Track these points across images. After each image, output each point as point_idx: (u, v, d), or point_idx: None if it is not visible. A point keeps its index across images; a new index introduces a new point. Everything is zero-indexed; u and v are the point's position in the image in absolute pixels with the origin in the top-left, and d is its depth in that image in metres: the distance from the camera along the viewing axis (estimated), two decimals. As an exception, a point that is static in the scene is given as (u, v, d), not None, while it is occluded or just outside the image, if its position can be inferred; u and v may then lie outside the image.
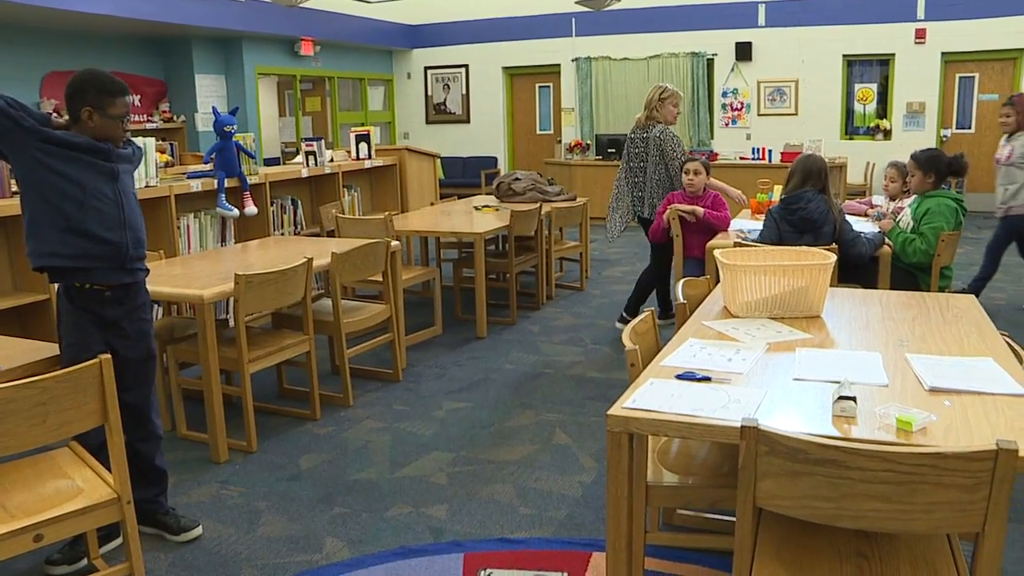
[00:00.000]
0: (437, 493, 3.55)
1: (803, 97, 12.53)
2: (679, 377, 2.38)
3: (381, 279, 4.98)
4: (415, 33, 14.76)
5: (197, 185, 5.58)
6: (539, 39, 13.89)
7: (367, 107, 14.69)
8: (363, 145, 7.57)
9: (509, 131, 14.81)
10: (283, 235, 6.48)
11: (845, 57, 12.29)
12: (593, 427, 4.22)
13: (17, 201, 3.87)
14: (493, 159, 14.64)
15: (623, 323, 5.83)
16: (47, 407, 2.33)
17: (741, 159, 11.57)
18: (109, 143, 2.90)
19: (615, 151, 11.63)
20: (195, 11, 10.21)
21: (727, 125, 13.00)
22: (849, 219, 4.68)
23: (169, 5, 9.81)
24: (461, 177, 14.23)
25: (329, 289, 4.56)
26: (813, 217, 4.46)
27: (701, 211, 5.45)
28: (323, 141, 7.08)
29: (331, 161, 7.21)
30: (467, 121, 14.91)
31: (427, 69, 15.03)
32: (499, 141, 14.72)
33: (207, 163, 5.92)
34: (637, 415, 2.12)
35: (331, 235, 6.15)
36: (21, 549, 2.33)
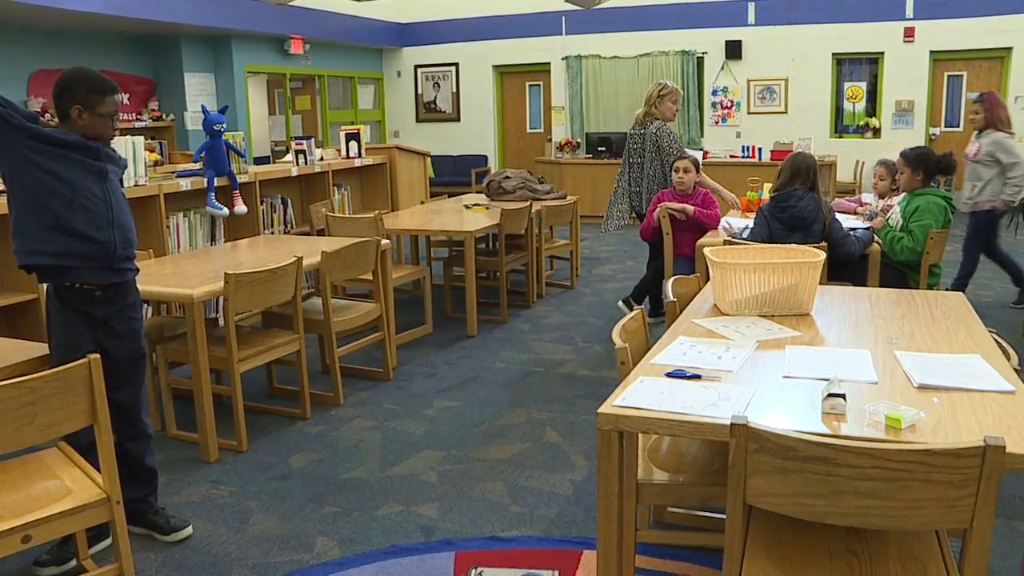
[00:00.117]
0: (428, 492, 3.54)
1: (793, 95, 12.57)
2: (669, 375, 2.38)
3: (371, 278, 4.97)
4: (405, 31, 14.74)
5: (186, 184, 5.56)
6: (529, 37, 13.89)
7: (357, 106, 14.66)
8: (353, 144, 7.56)
9: (499, 129, 14.81)
10: (273, 234, 6.47)
11: (834, 56, 12.33)
12: (584, 425, 4.23)
13: (3, 200, 3.85)
14: (483, 157, 14.63)
15: (628, 308, 5.84)
16: (35, 407, 2.32)
17: (731, 157, 11.60)
18: (99, 142, 2.89)
19: (605, 149, 11.65)
20: (184, 9, 10.17)
21: (717, 123, 13.03)
22: (839, 217, 4.70)
23: (158, 3, 9.77)
24: (451, 175, 14.23)
25: (319, 288, 4.56)
26: (803, 215, 4.47)
27: (691, 209, 5.45)
28: (313, 140, 7.07)
29: (321, 160, 7.19)
30: (457, 120, 14.90)
31: (417, 68, 15.01)
32: (489, 139, 14.72)
33: (196, 162, 5.90)
34: (627, 413, 2.12)
35: (321, 234, 6.13)
36: (9, 550, 2.32)
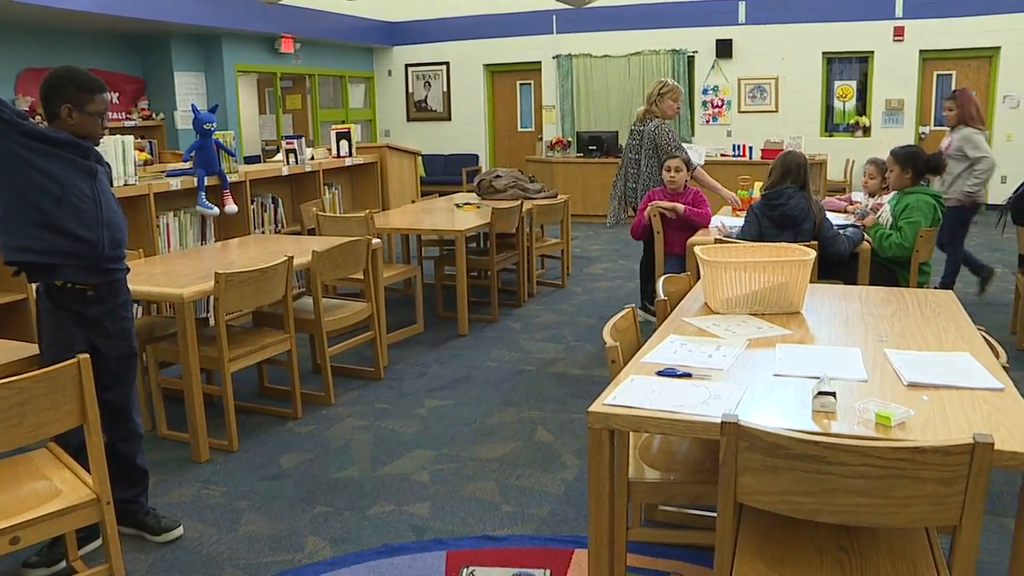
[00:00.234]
0: (419, 491, 3.54)
1: (783, 94, 12.60)
2: (660, 373, 2.38)
3: (362, 277, 4.96)
4: (396, 30, 14.72)
5: (176, 183, 5.54)
6: (520, 36, 13.89)
7: (348, 105, 14.64)
8: (344, 143, 7.55)
9: (490, 128, 14.80)
10: (263, 233, 6.45)
11: (825, 54, 12.36)
12: (575, 424, 4.23)
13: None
14: (474, 156, 14.63)
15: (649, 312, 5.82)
16: (24, 408, 2.31)
17: (722, 156, 11.61)
18: (88, 141, 2.88)
19: (596, 148, 11.66)
20: (174, 7, 10.13)
21: (708, 122, 13.05)
22: (829, 216, 4.72)
23: (148, 1, 9.74)
24: (442, 175, 14.22)
25: (310, 287, 4.55)
26: (793, 213, 4.48)
27: (682, 208, 5.46)
28: (303, 139, 7.06)
29: (311, 159, 7.18)
30: (448, 119, 14.89)
31: (408, 66, 14.99)
32: (480, 138, 14.71)
33: (186, 161, 5.88)
34: (618, 412, 2.12)
35: (312, 233, 6.12)
36: (-2, 551, 2.31)
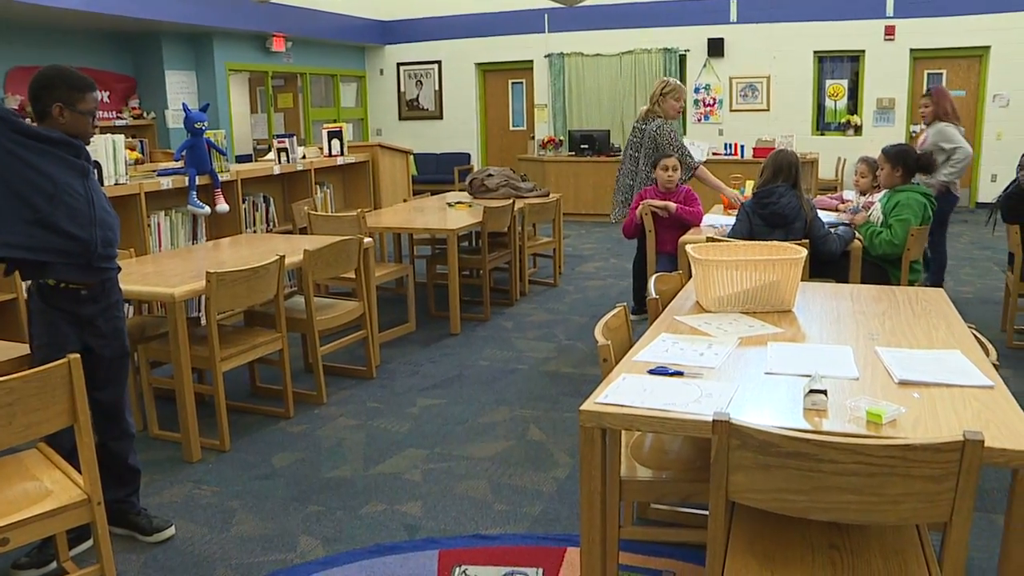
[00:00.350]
0: (411, 490, 3.54)
1: (775, 93, 12.63)
2: (651, 372, 2.38)
3: (354, 276, 4.96)
4: (387, 29, 14.70)
5: (168, 183, 5.53)
6: (512, 35, 13.89)
7: (339, 104, 14.61)
8: (335, 142, 7.53)
9: (482, 127, 14.80)
10: (255, 232, 6.44)
11: (816, 53, 12.39)
12: (567, 423, 4.23)
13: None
14: (466, 155, 14.62)
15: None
16: (14, 408, 2.30)
17: (714, 155, 11.62)
18: (79, 139, 2.87)
19: (588, 147, 11.66)
20: (165, 6, 10.10)
21: (699, 121, 13.07)
22: (820, 214, 4.73)
23: (138, 0, 9.70)
24: (434, 173, 14.21)
25: (302, 287, 4.54)
26: (785, 212, 4.49)
27: (673, 206, 5.47)
28: (295, 138, 7.04)
29: (303, 158, 7.16)
30: (440, 117, 14.88)
31: (400, 65, 14.98)
32: (472, 137, 14.71)
33: (178, 160, 5.86)
34: (609, 410, 2.12)
35: (303, 232, 6.11)
36: (-12, 552, 2.30)
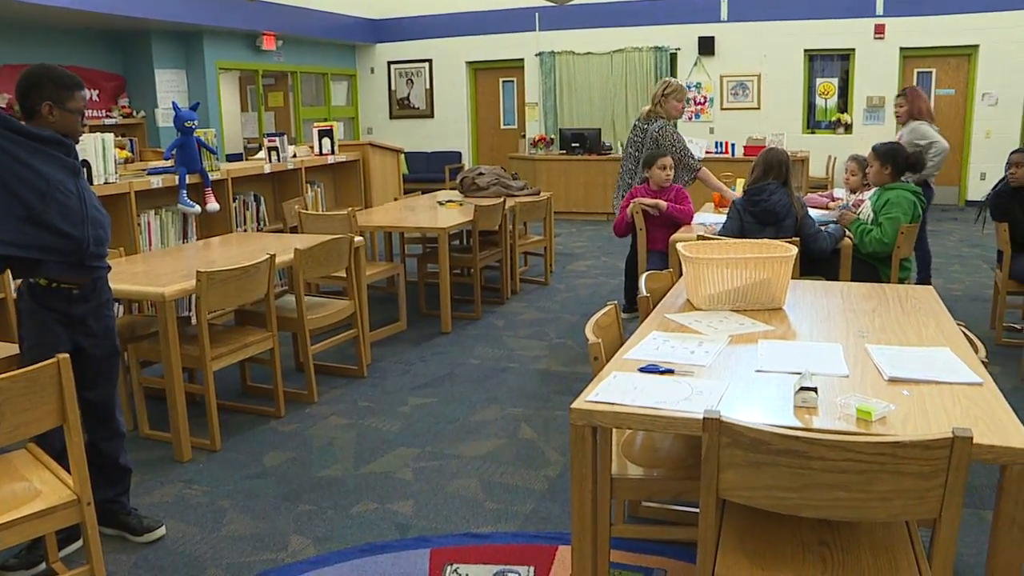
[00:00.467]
0: (403, 489, 3.54)
1: (765, 91, 12.65)
2: (642, 370, 2.39)
3: (345, 275, 4.95)
4: (378, 28, 14.68)
5: (158, 181, 5.51)
6: (503, 33, 13.88)
7: (330, 102, 14.58)
8: (326, 140, 7.52)
9: (473, 126, 14.79)
10: (246, 231, 6.42)
11: (806, 52, 12.42)
12: (558, 421, 4.23)
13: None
14: (457, 154, 14.61)
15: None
16: (3, 408, 2.28)
17: (705, 153, 11.64)
18: (69, 138, 2.86)
19: (579, 145, 11.66)
20: (154, 4, 10.06)
21: (690, 119, 13.08)
22: (811, 212, 4.74)
23: (127, -2, 9.67)
24: (425, 172, 14.19)
25: (292, 285, 4.53)
26: (775, 209, 4.50)
27: (664, 205, 5.48)
28: (286, 136, 7.02)
29: (294, 157, 7.15)
30: (431, 116, 14.87)
31: (390, 64, 14.96)
32: (463, 136, 14.70)
33: (168, 159, 5.84)
34: (600, 408, 2.13)
35: (294, 231, 6.10)
36: (-23, 553, 2.29)
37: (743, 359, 2.51)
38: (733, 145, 11.38)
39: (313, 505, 3.41)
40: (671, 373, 2.37)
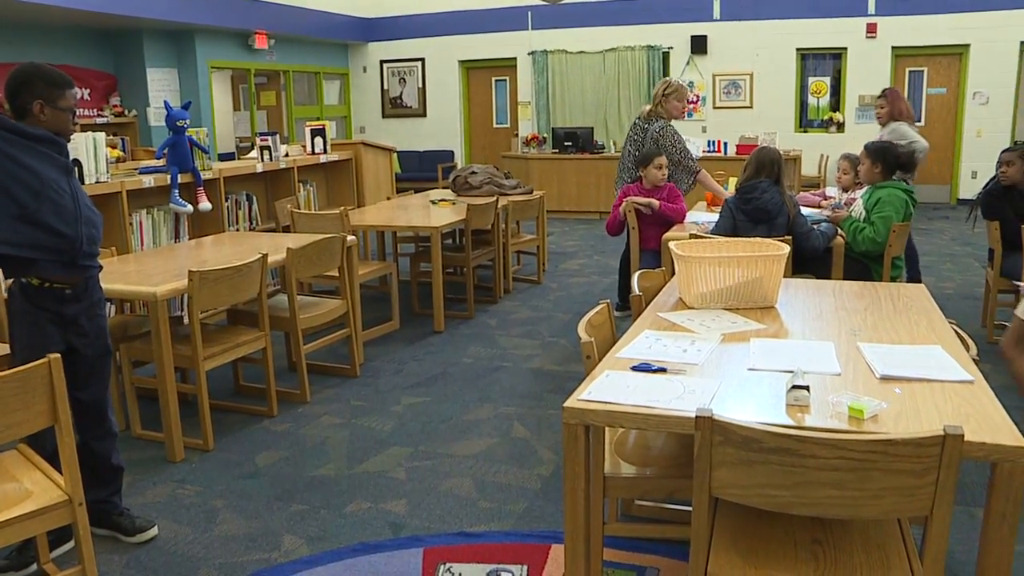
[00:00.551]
0: (396, 488, 3.53)
1: (758, 90, 12.68)
2: (635, 369, 2.39)
3: (337, 274, 4.94)
4: (370, 26, 14.66)
5: (150, 181, 5.49)
6: (495, 32, 13.88)
7: (322, 101, 14.56)
8: (318, 139, 7.51)
9: (466, 125, 14.78)
10: (238, 231, 6.41)
11: (799, 51, 12.45)
12: (551, 420, 4.23)
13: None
14: (450, 153, 14.60)
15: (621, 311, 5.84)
16: (-7, 408, 2.28)
17: (702, 152, 11.66)
18: (61, 137, 2.85)
19: (571, 144, 11.67)
20: (146, 3, 10.02)
21: (682, 118, 13.07)
22: (803, 210, 4.75)
23: (118, -3, 9.64)
24: (418, 171, 14.18)
25: (285, 285, 4.52)
26: (767, 207, 4.51)
27: (657, 203, 5.48)
28: (278, 136, 7.01)
29: (286, 156, 7.13)
30: (423, 115, 14.85)
31: (383, 63, 14.94)
32: (455, 135, 14.69)
33: (160, 158, 5.82)
34: (593, 407, 2.13)
35: (287, 230, 6.09)
36: (-32, 554, 2.28)
37: (735, 357, 2.51)
38: (725, 144, 11.38)
39: (306, 505, 3.40)
40: (663, 372, 2.37)
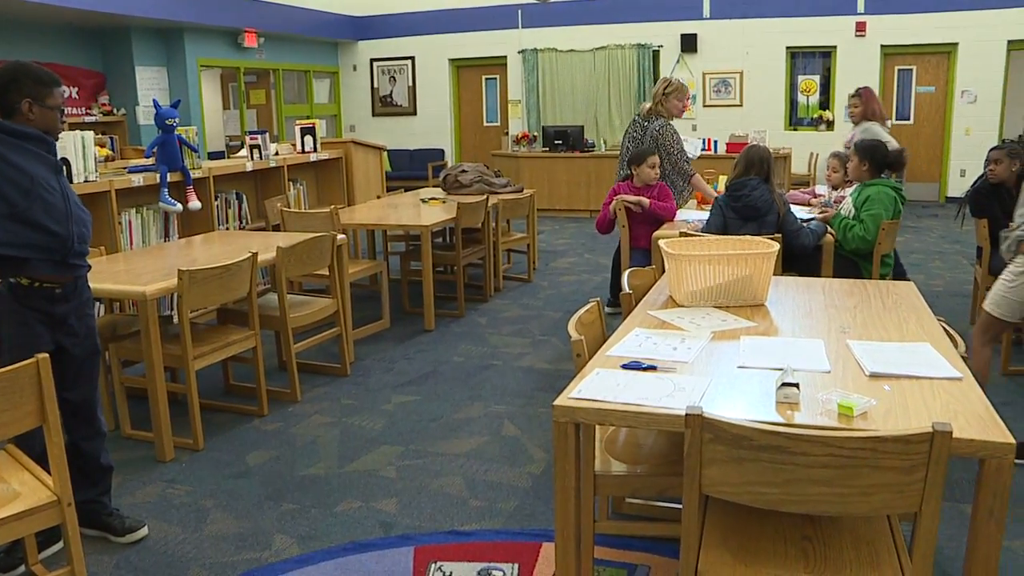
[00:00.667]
0: (387, 487, 3.53)
1: (748, 89, 12.70)
2: (625, 367, 2.39)
3: (327, 273, 4.93)
4: (360, 25, 14.63)
5: (139, 179, 5.47)
6: (485, 31, 13.87)
7: (312, 100, 14.52)
8: (308, 138, 7.48)
9: (456, 123, 14.77)
10: (228, 230, 6.39)
11: (788, 49, 12.48)
12: (542, 418, 4.24)
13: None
14: (440, 151, 14.59)
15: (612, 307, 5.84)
16: (-19, 409, 2.27)
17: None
18: (49, 135, 2.84)
19: (562, 143, 11.67)
20: (135, 1, 9.98)
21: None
22: (793, 209, 4.76)
23: (107, -5, 9.59)
24: (408, 170, 14.16)
25: (275, 284, 4.51)
26: (757, 205, 4.51)
27: (647, 202, 5.49)
28: (268, 134, 6.98)
29: (276, 154, 7.11)
30: (414, 113, 14.83)
31: (373, 61, 14.91)
32: (446, 133, 14.67)
33: (149, 157, 5.79)
34: (583, 405, 2.13)
35: (276, 229, 6.07)
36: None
37: (725, 355, 2.52)
38: (716, 142, 11.41)
39: (297, 504, 3.40)
40: (654, 370, 2.37)
